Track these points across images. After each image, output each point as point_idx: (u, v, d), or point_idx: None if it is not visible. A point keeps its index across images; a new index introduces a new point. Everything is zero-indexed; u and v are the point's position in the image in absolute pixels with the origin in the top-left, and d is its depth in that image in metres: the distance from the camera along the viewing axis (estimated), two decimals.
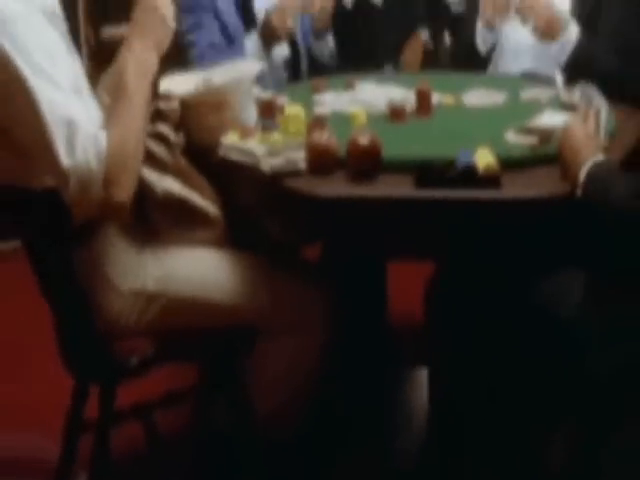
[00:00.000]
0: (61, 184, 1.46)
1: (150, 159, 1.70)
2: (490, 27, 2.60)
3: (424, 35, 3.27)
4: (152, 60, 1.64)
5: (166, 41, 1.69)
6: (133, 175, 1.55)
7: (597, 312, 1.56)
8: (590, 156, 1.60)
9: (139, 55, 1.64)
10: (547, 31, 2.30)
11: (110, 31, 1.88)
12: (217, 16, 2.62)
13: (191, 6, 2.63)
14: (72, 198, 1.47)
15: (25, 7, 1.50)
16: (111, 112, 1.58)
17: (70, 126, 1.45)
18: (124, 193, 1.52)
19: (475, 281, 1.79)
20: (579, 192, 1.57)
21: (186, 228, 1.74)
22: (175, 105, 1.79)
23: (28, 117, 1.44)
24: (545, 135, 1.80)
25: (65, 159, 1.44)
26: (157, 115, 1.76)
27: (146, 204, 1.69)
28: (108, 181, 1.48)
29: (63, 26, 1.65)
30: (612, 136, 1.79)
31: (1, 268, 3.14)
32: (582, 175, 1.57)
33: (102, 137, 1.48)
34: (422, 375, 2.24)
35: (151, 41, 1.65)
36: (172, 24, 1.69)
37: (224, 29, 2.61)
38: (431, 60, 3.23)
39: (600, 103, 1.83)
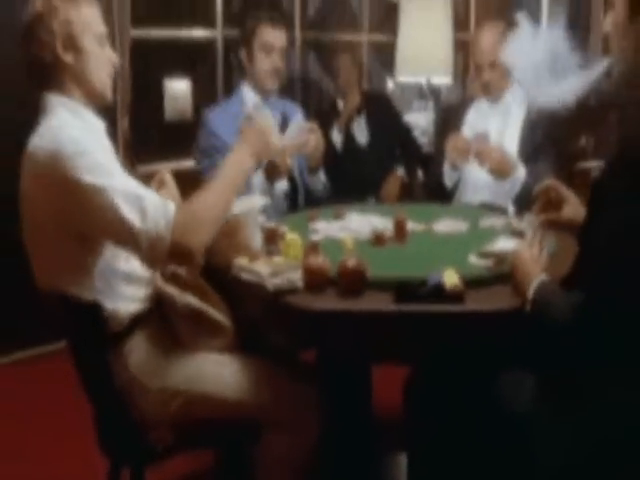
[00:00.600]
0: (135, 246, 1.63)
1: (173, 277, 1.85)
2: (454, 167, 2.79)
3: (400, 172, 3.46)
4: (248, 162, 1.86)
5: (265, 154, 1.95)
6: (207, 229, 1.70)
7: (545, 409, 1.60)
8: (536, 277, 1.69)
9: (239, 155, 1.86)
10: (499, 172, 2.51)
11: (145, 168, 2.01)
12: None
13: (206, 149, 2.86)
14: (145, 256, 1.65)
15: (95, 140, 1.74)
16: (204, 186, 1.78)
17: (138, 199, 1.63)
18: (195, 242, 1.66)
19: (445, 380, 1.86)
20: (528, 307, 1.66)
21: (203, 336, 1.85)
22: None
23: (110, 218, 1.62)
24: (500, 258, 1.92)
25: (138, 224, 1.61)
26: None
27: (169, 315, 1.83)
28: (182, 231, 1.63)
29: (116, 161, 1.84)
30: (553, 256, 1.87)
31: (49, 363, 3.25)
32: (530, 293, 1.66)
33: (171, 207, 1.66)
34: (402, 460, 2.28)
35: (252, 149, 1.87)
36: (274, 146, 1.94)
37: None
38: (406, 193, 3.37)
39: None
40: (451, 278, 1.76)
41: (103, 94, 1.84)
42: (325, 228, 2.29)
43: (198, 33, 4.09)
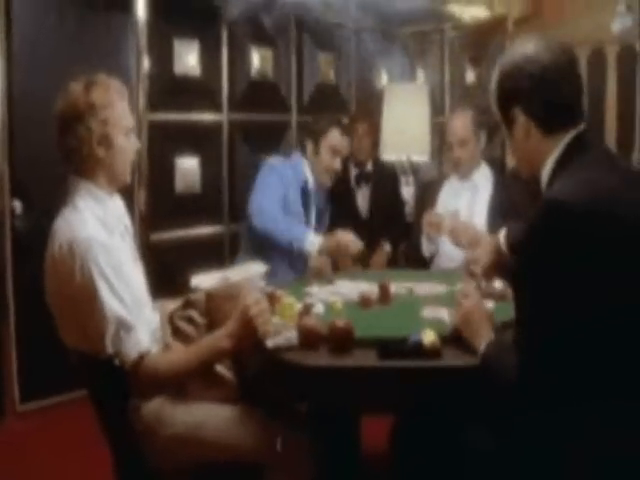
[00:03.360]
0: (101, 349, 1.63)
1: (182, 336, 1.87)
2: (430, 239, 2.87)
3: (387, 247, 3.51)
4: (226, 346, 1.72)
5: (246, 342, 1.73)
6: (166, 377, 1.70)
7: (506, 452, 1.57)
8: (486, 332, 1.69)
9: (220, 338, 1.73)
10: (469, 245, 2.52)
11: (158, 235, 1.99)
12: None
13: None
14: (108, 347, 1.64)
15: (110, 235, 1.75)
16: (172, 347, 1.80)
17: (124, 328, 1.65)
18: (149, 380, 1.68)
19: (426, 427, 1.89)
20: (479, 362, 1.64)
21: (209, 388, 1.86)
22: (201, 296, 1.94)
23: (96, 320, 1.64)
24: None
25: (109, 347, 1.64)
26: (188, 303, 1.94)
27: None
28: (148, 366, 1.65)
29: (131, 237, 1.90)
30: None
31: (71, 411, 3.26)
32: (481, 349, 1.65)
33: (150, 346, 1.68)
34: None
35: (235, 334, 1.72)
36: (262, 333, 1.75)
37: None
38: (391, 260, 3.44)
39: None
40: (429, 337, 1.78)
41: (124, 179, 1.89)
42: (318, 292, 2.32)
43: (206, 117, 4.19)
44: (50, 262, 1.75)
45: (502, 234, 2.13)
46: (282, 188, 2.96)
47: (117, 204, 1.90)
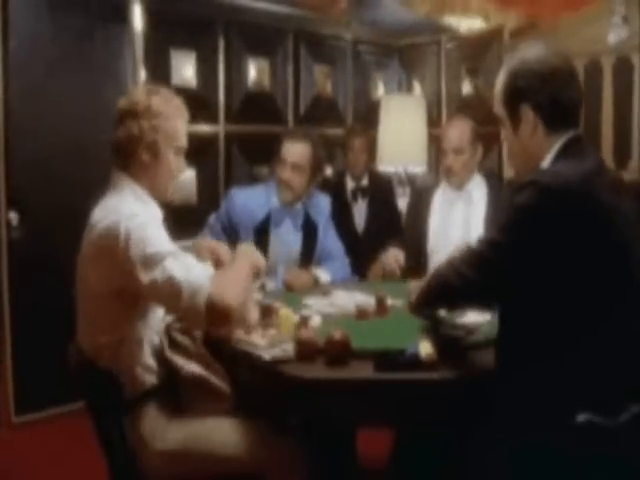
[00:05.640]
0: (177, 299, 1.62)
1: (178, 348, 1.87)
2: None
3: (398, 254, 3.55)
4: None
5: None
6: (239, 289, 1.67)
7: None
8: None
9: (244, 260, 1.83)
10: None
11: None
12: None
13: (219, 218, 2.87)
14: (185, 309, 1.63)
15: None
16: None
17: (184, 259, 1.67)
18: (231, 298, 1.63)
19: (425, 442, 1.92)
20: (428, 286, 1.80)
21: (204, 401, 1.86)
22: None
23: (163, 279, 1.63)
24: (469, 329, 1.94)
25: (181, 276, 1.62)
26: None
27: (175, 382, 1.85)
28: (219, 288, 1.62)
29: None
30: None
31: (67, 423, 3.28)
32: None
33: (211, 269, 1.70)
34: None
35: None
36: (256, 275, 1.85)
37: None
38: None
39: None
40: (426, 348, 1.78)
41: (165, 196, 1.91)
42: (315, 304, 2.31)
43: (203, 128, 4.21)
44: (89, 251, 1.75)
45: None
46: (225, 216, 2.91)
47: (157, 211, 1.90)
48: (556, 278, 1.54)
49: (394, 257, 2.79)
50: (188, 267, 1.67)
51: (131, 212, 1.73)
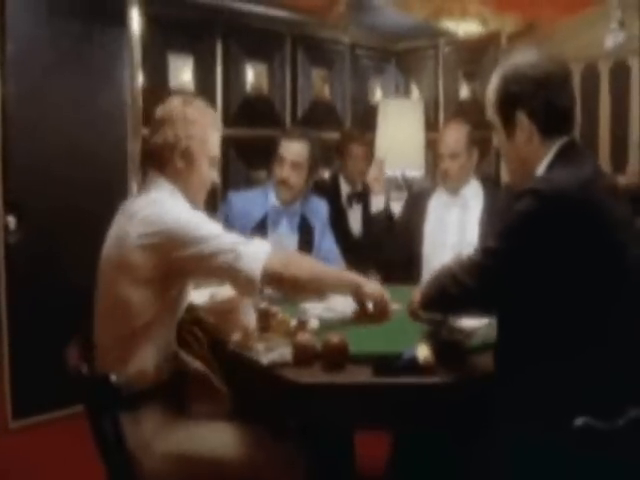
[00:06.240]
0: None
1: (187, 346, 1.93)
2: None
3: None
4: (356, 282, 1.96)
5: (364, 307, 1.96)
6: (298, 269, 1.81)
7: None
8: None
9: (357, 279, 1.97)
10: None
11: None
12: None
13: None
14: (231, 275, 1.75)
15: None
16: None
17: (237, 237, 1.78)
18: (287, 270, 1.79)
19: (424, 447, 1.92)
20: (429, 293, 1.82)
21: (205, 400, 1.89)
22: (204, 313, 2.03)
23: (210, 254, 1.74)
24: (467, 333, 1.93)
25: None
26: (194, 320, 2.01)
27: (179, 381, 1.88)
28: (280, 259, 1.76)
29: None
30: None
31: (64, 427, 3.29)
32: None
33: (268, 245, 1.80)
34: None
35: (366, 292, 1.95)
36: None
37: None
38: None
39: None
40: (423, 352, 1.78)
41: (196, 202, 1.94)
42: (312, 308, 2.29)
43: None
44: (125, 242, 1.77)
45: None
46: (224, 220, 2.87)
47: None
48: (554, 283, 1.54)
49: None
50: (243, 241, 1.76)
51: (173, 203, 1.79)
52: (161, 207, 1.78)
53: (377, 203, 3.09)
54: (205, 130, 1.91)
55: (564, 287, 1.54)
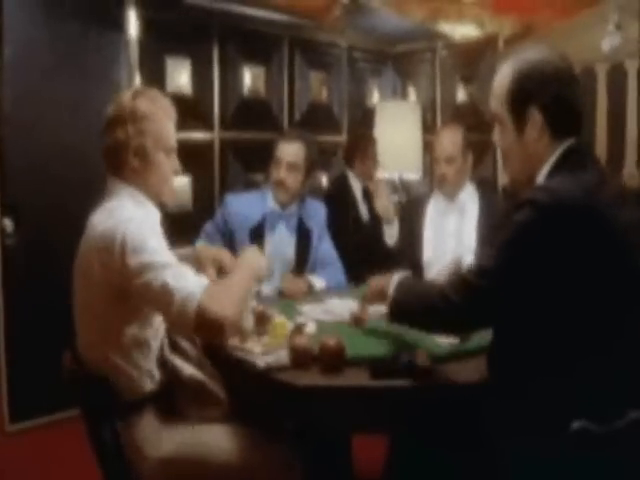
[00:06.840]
0: (168, 305, 1.59)
1: (180, 351, 1.89)
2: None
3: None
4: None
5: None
6: (233, 301, 1.63)
7: None
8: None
9: (245, 267, 1.84)
10: None
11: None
12: None
13: (215, 222, 2.90)
14: (175, 316, 1.61)
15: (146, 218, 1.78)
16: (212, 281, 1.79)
17: (178, 267, 1.65)
18: (221, 310, 1.59)
19: (420, 449, 1.90)
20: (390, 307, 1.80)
21: (200, 406, 1.87)
22: None
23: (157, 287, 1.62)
24: (463, 337, 1.89)
25: (173, 283, 1.60)
26: None
27: (173, 386, 1.85)
28: (212, 298, 1.58)
29: None
30: None
31: (61, 430, 3.29)
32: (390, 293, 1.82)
33: (205, 279, 1.67)
34: None
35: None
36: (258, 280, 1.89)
37: None
38: None
39: None
40: (421, 355, 1.79)
41: (162, 198, 1.89)
42: (309, 310, 2.31)
43: (198, 135, 4.21)
44: (88, 255, 1.73)
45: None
46: (221, 222, 2.93)
47: (155, 212, 1.88)
48: (556, 295, 1.52)
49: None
50: (182, 275, 1.66)
51: (129, 216, 1.72)
52: (115, 225, 1.69)
53: (390, 233, 3.06)
54: (158, 123, 1.82)
55: (566, 298, 1.52)
